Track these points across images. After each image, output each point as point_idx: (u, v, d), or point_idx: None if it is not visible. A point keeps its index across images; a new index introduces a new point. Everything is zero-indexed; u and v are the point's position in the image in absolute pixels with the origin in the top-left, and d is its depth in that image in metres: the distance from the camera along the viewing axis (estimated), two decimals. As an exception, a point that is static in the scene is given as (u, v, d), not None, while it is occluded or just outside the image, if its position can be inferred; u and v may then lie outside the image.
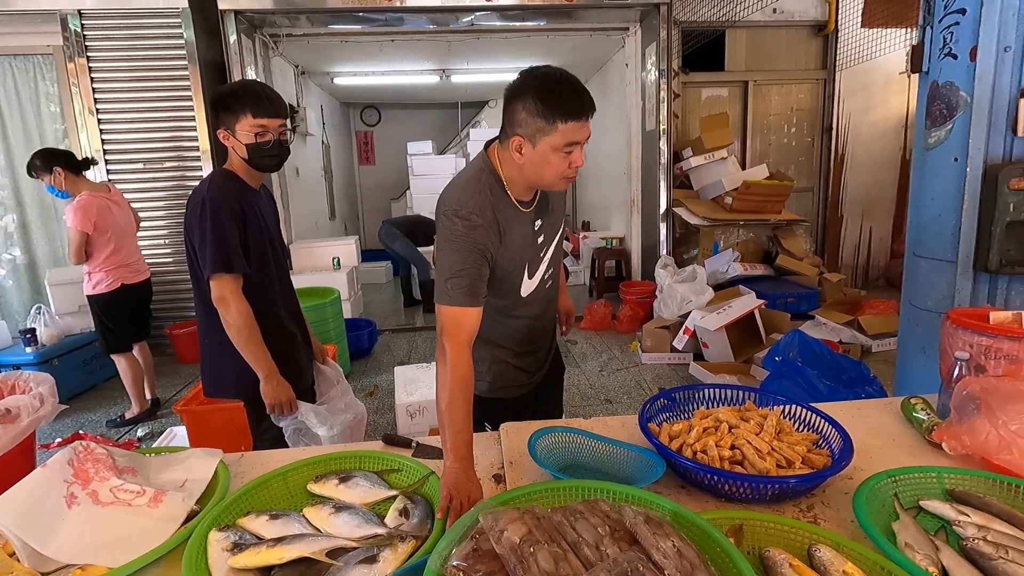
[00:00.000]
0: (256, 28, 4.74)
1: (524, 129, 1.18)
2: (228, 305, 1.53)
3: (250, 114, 1.53)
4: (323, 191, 7.28)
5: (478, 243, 1.23)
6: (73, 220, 2.96)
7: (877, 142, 5.81)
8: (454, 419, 1.10)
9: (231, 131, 1.55)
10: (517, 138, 1.20)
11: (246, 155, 1.57)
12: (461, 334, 1.20)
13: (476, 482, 1.03)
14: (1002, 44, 1.63)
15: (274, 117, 1.57)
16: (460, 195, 1.27)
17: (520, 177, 1.27)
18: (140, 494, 0.99)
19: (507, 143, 1.23)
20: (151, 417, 3.44)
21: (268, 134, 1.56)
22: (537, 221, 1.38)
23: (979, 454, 1.00)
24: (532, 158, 1.20)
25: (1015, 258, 1.71)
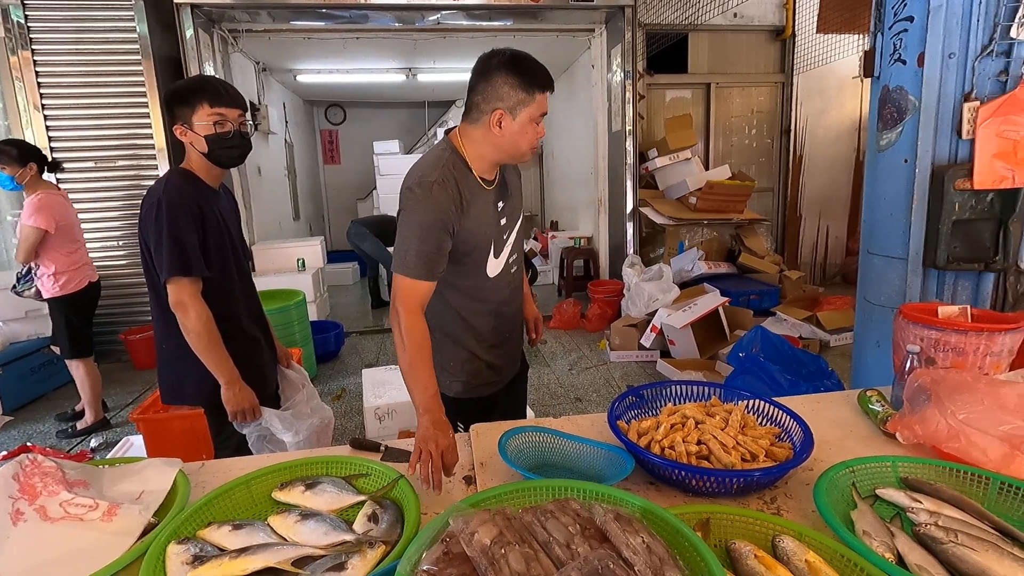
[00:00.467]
0: (214, 23, 4.59)
1: (506, 102, 1.26)
2: (187, 310, 1.47)
3: (207, 104, 1.49)
4: (286, 191, 7.11)
5: (439, 212, 1.27)
6: (36, 218, 2.85)
7: (833, 144, 6.03)
8: (418, 379, 1.22)
9: (188, 125, 1.50)
10: (498, 111, 1.27)
11: (206, 148, 1.51)
12: (414, 301, 1.27)
13: (445, 430, 1.12)
14: (947, 51, 1.70)
15: (232, 107, 1.52)
16: (423, 170, 1.32)
17: (493, 152, 1.34)
18: (93, 508, 0.94)
19: (481, 120, 1.30)
20: (105, 427, 3.31)
21: (228, 123, 1.51)
22: (500, 202, 1.43)
23: (930, 443, 1.04)
24: (512, 129, 1.29)
25: (961, 255, 1.80)
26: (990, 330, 1.21)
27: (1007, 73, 1.69)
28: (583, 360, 4.21)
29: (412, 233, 1.27)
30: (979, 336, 1.20)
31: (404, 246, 1.28)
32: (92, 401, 3.23)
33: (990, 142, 1.69)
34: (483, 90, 1.29)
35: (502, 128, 1.29)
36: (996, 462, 0.94)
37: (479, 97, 1.30)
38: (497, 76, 1.26)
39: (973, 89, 1.71)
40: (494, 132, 1.30)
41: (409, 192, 1.30)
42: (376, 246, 5.60)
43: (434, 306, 1.36)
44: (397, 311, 1.26)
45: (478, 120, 1.31)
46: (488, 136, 1.31)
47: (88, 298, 3.13)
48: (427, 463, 1.04)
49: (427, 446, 1.06)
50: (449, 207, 1.29)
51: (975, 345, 1.21)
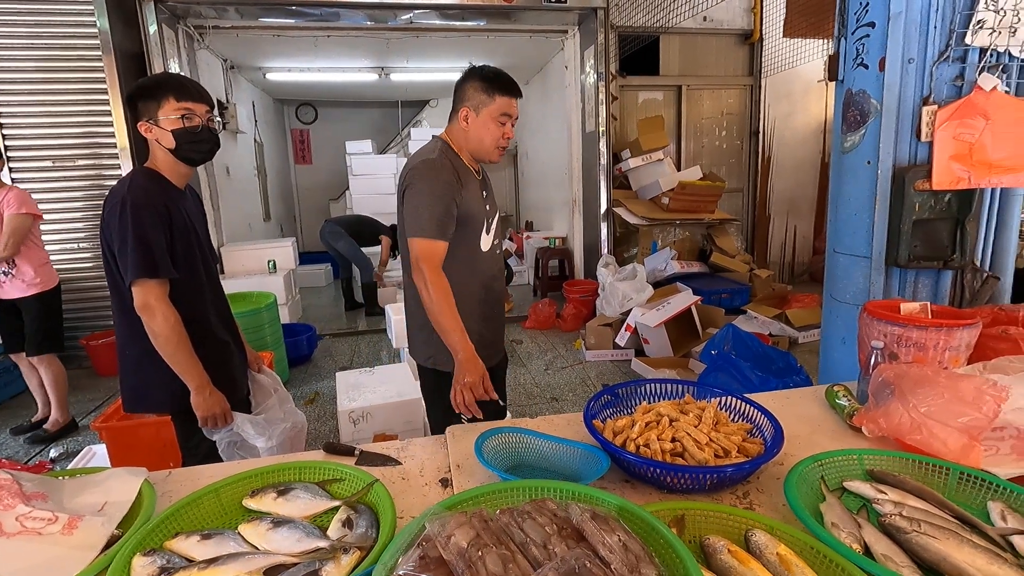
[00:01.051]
0: (179, 18, 4.47)
1: (470, 102, 1.58)
2: (153, 313, 1.42)
3: (172, 98, 1.44)
4: (256, 191, 6.96)
5: (445, 181, 1.52)
6: (25, 205, 2.87)
7: (799, 145, 6.19)
8: (451, 323, 1.47)
9: (153, 121, 1.45)
10: (464, 109, 1.58)
11: (173, 144, 1.47)
12: (435, 259, 1.50)
13: (476, 364, 1.44)
14: (906, 56, 1.76)
15: (200, 102, 1.49)
16: (423, 155, 1.58)
17: (466, 145, 1.62)
18: (52, 521, 0.91)
19: (455, 119, 1.61)
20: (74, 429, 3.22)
21: (196, 118, 1.47)
22: (484, 191, 1.68)
23: (894, 435, 1.08)
24: (476, 124, 1.58)
25: (921, 253, 1.86)
26: (949, 326, 1.25)
27: (962, 78, 1.75)
28: (559, 360, 4.23)
29: (423, 200, 1.50)
30: (939, 332, 1.25)
31: (418, 212, 1.50)
32: (63, 400, 3.19)
33: (947, 144, 1.75)
34: (458, 95, 1.60)
35: (468, 124, 1.59)
36: (955, 453, 0.97)
37: (455, 100, 1.62)
38: (467, 83, 1.59)
39: (931, 93, 1.77)
40: (462, 127, 1.59)
41: (415, 170, 1.53)
42: (350, 246, 5.53)
43: None
44: (421, 269, 1.49)
45: (454, 119, 1.62)
46: (460, 131, 1.61)
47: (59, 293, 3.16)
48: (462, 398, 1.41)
49: (462, 382, 1.42)
50: (452, 178, 1.53)
51: (935, 340, 1.25)
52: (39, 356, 3.05)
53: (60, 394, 3.16)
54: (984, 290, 1.88)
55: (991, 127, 1.72)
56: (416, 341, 1.74)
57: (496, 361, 1.77)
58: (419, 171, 1.52)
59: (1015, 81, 1.75)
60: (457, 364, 1.46)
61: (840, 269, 2.08)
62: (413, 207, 1.51)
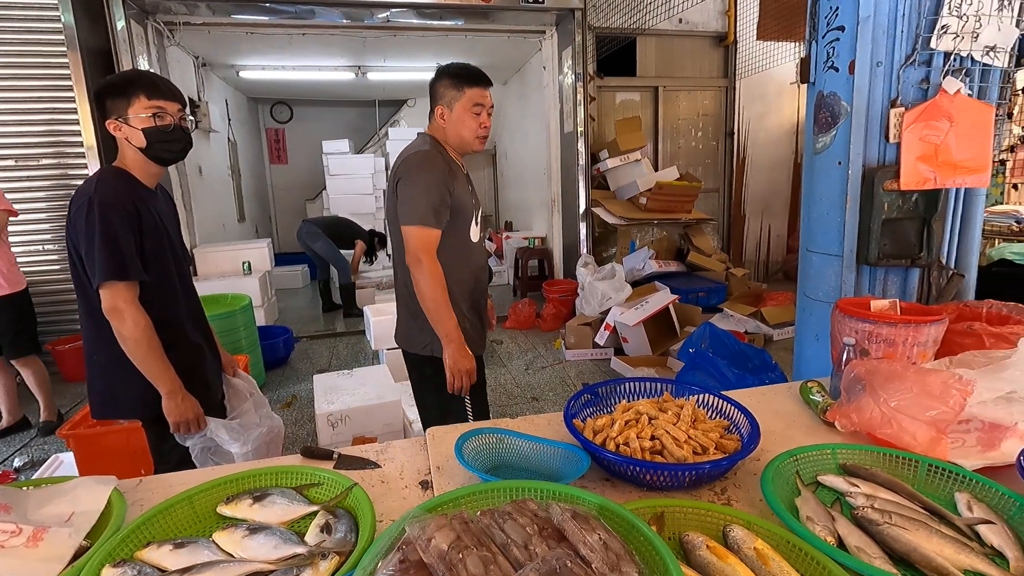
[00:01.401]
0: (148, 14, 4.36)
1: (443, 100, 1.65)
2: (123, 316, 1.38)
3: (144, 96, 1.41)
4: (230, 191, 6.83)
5: (438, 170, 1.59)
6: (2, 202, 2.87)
7: (773, 146, 6.31)
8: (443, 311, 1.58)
9: (123, 119, 1.41)
10: (440, 107, 1.66)
11: (144, 143, 1.43)
12: (431, 247, 1.59)
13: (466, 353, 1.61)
14: (875, 59, 1.81)
15: (171, 100, 1.45)
16: (415, 148, 1.65)
17: (448, 140, 1.69)
18: (15, 533, 0.87)
19: (433, 119, 1.68)
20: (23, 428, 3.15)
21: (167, 117, 1.44)
22: (469, 186, 1.75)
23: (865, 430, 1.10)
24: (452, 119, 1.65)
25: (890, 252, 1.91)
26: (917, 322, 1.29)
27: (928, 81, 1.80)
28: (539, 359, 4.23)
29: (419, 190, 1.57)
30: (907, 328, 1.28)
31: (414, 202, 1.56)
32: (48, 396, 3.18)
33: (914, 146, 1.80)
34: (431, 96, 1.68)
35: (445, 120, 1.66)
36: (924, 446, 1.00)
37: (431, 101, 1.69)
38: (437, 82, 1.66)
39: (899, 96, 1.82)
40: (440, 124, 1.67)
41: (408, 161, 1.61)
42: (328, 247, 5.46)
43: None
44: (419, 258, 1.57)
45: (432, 121, 1.70)
46: (440, 129, 1.68)
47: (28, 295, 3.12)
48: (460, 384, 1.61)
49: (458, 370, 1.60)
50: (444, 168, 1.61)
51: (904, 336, 1.28)
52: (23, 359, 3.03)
53: (45, 391, 3.17)
54: (950, 287, 1.94)
55: (955, 129, 1.78)
56: (411, 330, 1.76)
57: (481, 351, 1.85)
58: (413, 162, 1.60)
59: (977, 84, 1.81)
60: (449, 352, 1.59)
61: (813, 267, 2.13)
62: (409, 196, 1.57)
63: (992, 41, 1.75)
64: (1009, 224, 3.74)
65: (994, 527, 0.84)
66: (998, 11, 1.72)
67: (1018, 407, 1.02)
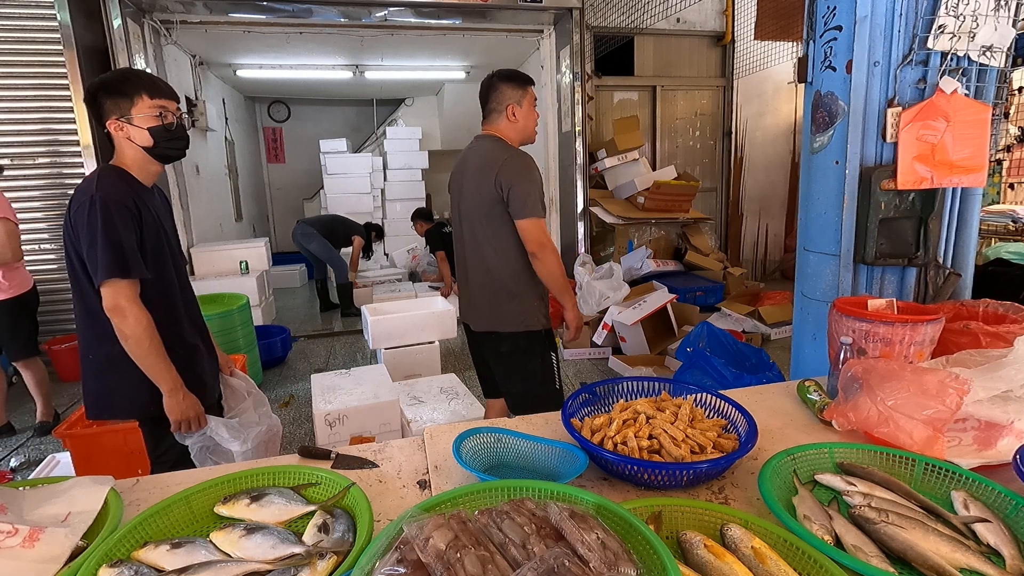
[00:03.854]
0: (145, 13, 4.34)
1: (512, 98, 1.94)
2: (124, 314, 1.38)
3: (146, 95, 1.41)
4: (227, 191, 6.81)
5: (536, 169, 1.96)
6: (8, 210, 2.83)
7: (771, 145, 6.32)
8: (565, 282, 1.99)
9: (126, 118, 1.41)
10: (512, 106, 1.94)
11: (150, 142, 1.43)
12: (547, 233, 1.93)
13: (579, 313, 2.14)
14: (872, 59, 1.81)
15: (171, 99, 1.46)
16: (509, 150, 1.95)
17: (516, 136, 2.00)
18: (11, 534, 0.87)
19: (501, 117, 1.96)
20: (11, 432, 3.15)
21: (170, 115, 1.44)
22: None
23: (862, 429, 1.10)
24: (522, 114, 1.96)
25: (887, 251, 1.92)
26: (914, 321, 1.29)
27: (925, 81, 1.81)
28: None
29: (532, 187, 1.88)
30: (904, 327, 1.28)
31: (531, 198, 1.87)
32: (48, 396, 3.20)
33: (911, 145, 1.80)
34: (494, 97, 1.94)
35: (517, 116, 1.95)
36: (920, 444, 1.00)
37: (493, 103, 1.95)
38: (498, 86, 1.93)
39: (896, 95, 1.82)
40: (512, 121, 1.96)
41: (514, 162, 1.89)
42: (324, 247, 5.44)
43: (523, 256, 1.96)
44: (542, 243, 1.89)
45: (498, 119, 1.97)
46: (510, 125, 1.96)
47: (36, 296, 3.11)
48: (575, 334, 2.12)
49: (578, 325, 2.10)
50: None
51: (901, 335, 1.28)
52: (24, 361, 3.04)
53: (45, 392, 3.19)
54: (946, 286, 1.94)
55: (952, 129, 1.78)
56: (506, 311, 2.02)
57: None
58: (521, 162, 1.90)
59: (974, 84, 1.81)
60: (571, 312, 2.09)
61: (810, 267, 2.13)
62: (525, 193, 1.87)
63: (989, 41, 1.75)
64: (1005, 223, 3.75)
65: (990, 525, 0.84)
66: (995, 11, 1.73)
67: (1014, 406, 1.03)
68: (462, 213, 2.06)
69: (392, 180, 7.53)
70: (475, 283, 2.06)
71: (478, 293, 2.06)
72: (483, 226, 1.97)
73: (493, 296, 2.02)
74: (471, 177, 1.99)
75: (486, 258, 2.00)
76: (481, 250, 2.00)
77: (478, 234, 1.99)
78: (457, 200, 2.10)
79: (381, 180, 7.50)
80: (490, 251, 1.98)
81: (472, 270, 2.06)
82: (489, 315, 2.05)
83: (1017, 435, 1.02)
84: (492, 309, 2.04)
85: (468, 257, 2.07)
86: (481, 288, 2.05)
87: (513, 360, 2.09)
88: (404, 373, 3.58)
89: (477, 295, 2.07)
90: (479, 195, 1.95)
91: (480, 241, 1.99)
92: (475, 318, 2.10)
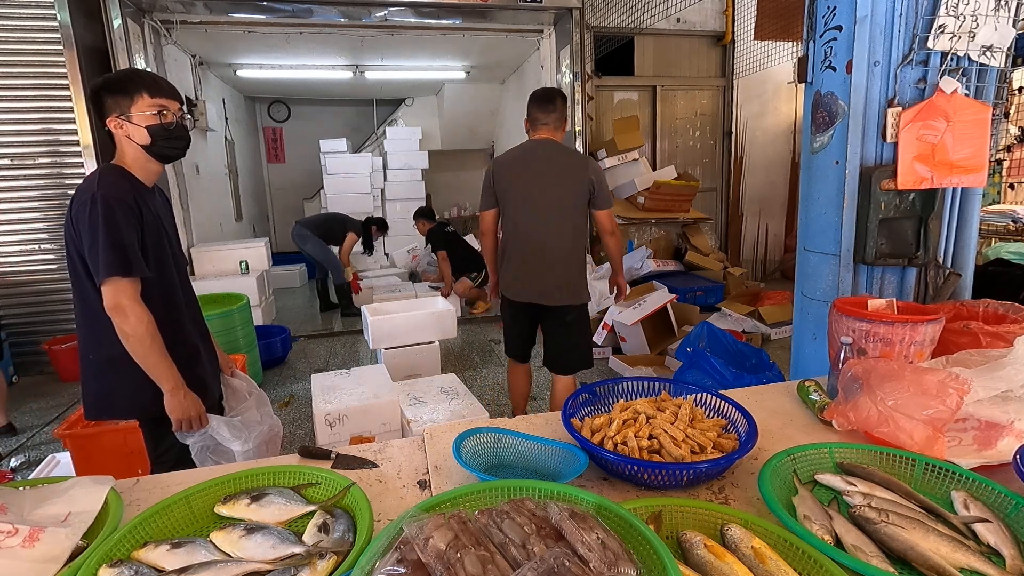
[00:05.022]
0: (145, 13, 4.34)
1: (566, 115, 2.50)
2: (125, 313, 1.37)
3: (146, 94, 1.41)
4: (227, 191, 6.81)
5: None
6: None
7: (770, 145, 6.32)
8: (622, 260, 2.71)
9: (126, 117, 1.41)
10: (566, 121, 2.51)
11: (148, 140, 1.43)
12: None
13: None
14: (872, 59, 1.81)
15: (172, 98, 1.46)
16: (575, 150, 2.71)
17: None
18: (11, 534, 0.87)
19: (562, 126, 2.49)
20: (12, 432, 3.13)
21: (169, 114, 1.44)
22: None
23: (863, 429, 1.10)
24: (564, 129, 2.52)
25: (887, 251, 1.92)
26: (914, 321, 1.29)
27: (925, 81, 1.81)
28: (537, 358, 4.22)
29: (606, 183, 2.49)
30: (904, 327, 1.28)
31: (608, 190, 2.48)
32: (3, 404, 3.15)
33: (911, 145, 1.81)
34: (561, 110, 2.45)
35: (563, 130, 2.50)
36: (920, 444, 1.00)
37: (556, 112, 2.44)
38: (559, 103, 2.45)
39: (896, 95, 1.82)
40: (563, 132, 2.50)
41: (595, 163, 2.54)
42: (318, 247, 5.40)
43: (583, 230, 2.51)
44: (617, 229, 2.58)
45: (560, 126, 2.48)
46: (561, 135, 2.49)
47: None
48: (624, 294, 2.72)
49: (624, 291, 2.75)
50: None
51: (901, 335, 1.29)
52: None
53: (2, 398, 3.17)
54: (946, 286, 1.94)
55: (952, 129, 1.78)
56: (582, 287, 2.51)
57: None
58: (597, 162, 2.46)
59: (974, 84, 1.81)
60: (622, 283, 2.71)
61: (810, 267, 2.13)
62: (606, 187, 2.44)
63: (989, 41, 1.75)
64: (1006, 223, 3.75)
65: (990, 525, 0.84)
66: (995, 11, 1.73)
67: (1014, 406, 1.03)
68: (541, 206, 2.40)
69: (392, 180, 7.53)
70: (557, 265, 2.45)
71: (556, 272, 2.45)
72: (573, 216, 2.41)
73: (565, 271, 2.45)
74: (559, 175, 2.39)
75: (573, 243, 2.44)
76: (568, 238, 2.42)
77: (567, 222, 2.41)
78: (532, 194, 2.40)
79: (381, 180, 7.50)
80: (576, 237, 2.45)
81: (554, 253, 2.42)
82: (563, 290, 2.47)
83: (1017, 435, 1.02)
84: (567, 283, 2.46)
85: (549, 244, 2.41)
86: (560, 268, 2.46)
87: (576, 329, 2.56)
88: (404, 373, 3.58)
89: (554, 274, 2.45)
90: (571, 188, 2.38)
91: (568, 229, 2.42)
92: (549, 294, 2.47)
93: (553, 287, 2.45)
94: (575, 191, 2.37)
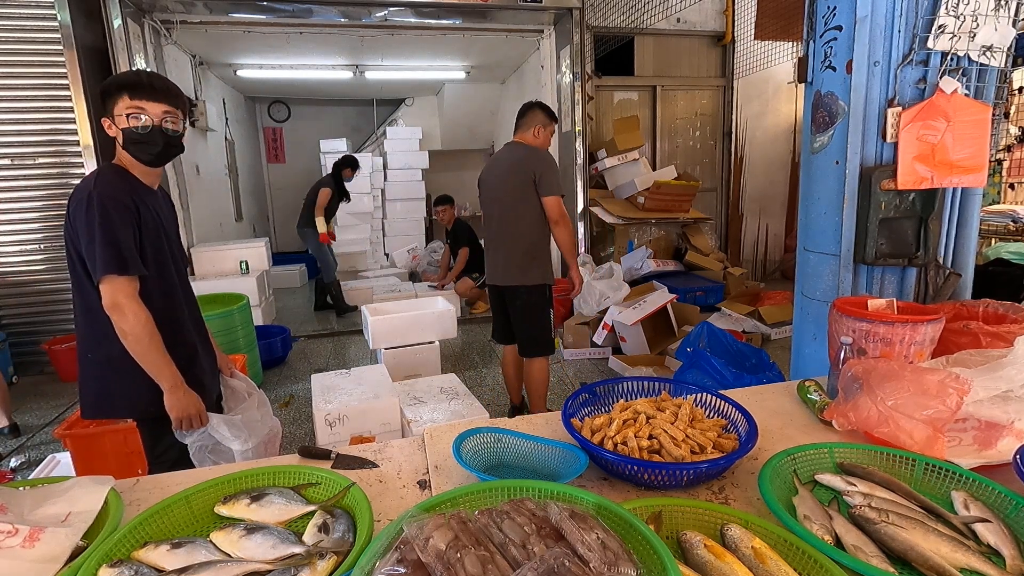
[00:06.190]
0: (145, 13, 4.34)
1: (539, 121, 2.69)
2: (123, 311, 1.37)
3: (126, 95, 1.41)
4: (227, 191, 6.80)
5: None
6: None
7: (770, 145, 6.31)
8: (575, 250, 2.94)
9: (112, 117, 1.42)
10: (538, 126, 2.69)
11: (122, 141, 1.44)
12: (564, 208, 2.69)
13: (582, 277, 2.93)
14: (872, 59, 1.81)
15: (154, 101, 1.42)
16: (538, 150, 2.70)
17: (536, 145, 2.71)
18: (11, 534, 0.87)
19: (529, 131, 2.70)
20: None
21: (143, 117, 1.41)
22: None
23: (862, 429, 1.10)
24: (542, 136, 2.71)
25: (887, 251, 1.92)
26: (914, 321, 1.29)
27: (925, 81, 1.81)
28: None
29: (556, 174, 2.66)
30: (904, 327, 1.28)
31: (556, 180, 2.63)
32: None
33: (911, 145, 1.80)
34: (527, 118, 2.71)
35: (539, 136, 2.69)
36: (921, 444, 1.00)
37: (526, 120, 2.71)
38: (536, 111, 2.70)
39: (896, 95, 1.82)
40: (535, 136, 2.69)
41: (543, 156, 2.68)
42: (313, 245, 5.40)
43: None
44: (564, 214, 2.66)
45: (526, 132, 2.70)
46: (533, 138, 2.70)
47: None
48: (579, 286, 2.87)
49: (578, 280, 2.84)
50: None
51: (901, 335, 1.29)
52: None
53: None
54: (946, 286, 1.94)
55: (952, 129, 1.78)
56: (529, 269, 2.70)
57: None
58: (548, 157, 2.70)
59: (974, 84, 1.81)
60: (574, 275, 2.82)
61: (810, 267, 2.13)
62: (551, 178, 2.61)
63: (989, 41, 1.75)
64: (1006, 223, 3.75)
65: (990, 525, 0.84)
66: (995, 11, 1.73)
67: (1014, 406, 1.03)
68: (496, 198, 2.73)
69: (392, 180, 7.53)
70: (505, 249, 2.72)
71: (505, 254, 2.73)
72: (518, 204, 2.64)
73: (514, 255, 2.70)
74: (507, 169, 2.69)
75: (518, 229, 2.68)
76: (515, 224, 2.67)
77: (513, 210, 2.66)
78: (492, 188, 2.77)
79: (381, 180, 7.50)
80: (522, 223, 2.66)
81: (504, 239, 2.72)
82: (510, 272, 2.73)
83: (1017, 435, 1.02)
84: (514, 266, 2.71)
85: (502, 230, 2.72)
86: (503, 245, 2.72)
87: (529, 312, 2.76)
88: (404, 373, 3.58)
89: (503, 256, 2.73)
90: (517, 180, 2.62)
91: (514, 217, 2.66)
92: (501, 275, 2.77)
93: (503, 268, 2.75)
94: (522, 180, 2.62)
